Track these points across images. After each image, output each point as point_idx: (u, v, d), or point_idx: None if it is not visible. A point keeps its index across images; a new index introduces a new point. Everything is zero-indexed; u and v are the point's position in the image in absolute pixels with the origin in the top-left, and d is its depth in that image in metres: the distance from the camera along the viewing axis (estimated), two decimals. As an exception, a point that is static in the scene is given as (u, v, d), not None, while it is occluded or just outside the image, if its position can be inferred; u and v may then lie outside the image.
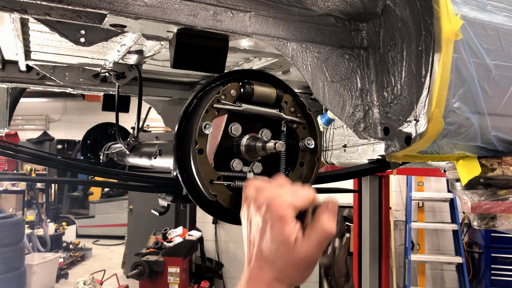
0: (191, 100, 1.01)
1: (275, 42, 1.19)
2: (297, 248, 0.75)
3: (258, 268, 0.77)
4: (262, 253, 0.77)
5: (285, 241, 0.75)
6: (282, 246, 0.75)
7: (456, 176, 1.38)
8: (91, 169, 1.23)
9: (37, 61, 1.92)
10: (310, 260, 0.77)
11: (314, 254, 0.76)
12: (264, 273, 0.76)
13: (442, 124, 1.10)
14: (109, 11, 1.02)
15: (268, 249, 0.76)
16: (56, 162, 1.23)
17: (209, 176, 0.95)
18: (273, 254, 0.76)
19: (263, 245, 0.77)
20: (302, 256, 0.75)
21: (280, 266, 0.76)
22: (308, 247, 0.76)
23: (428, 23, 1.08)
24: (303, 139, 1.06)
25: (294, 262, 0.76)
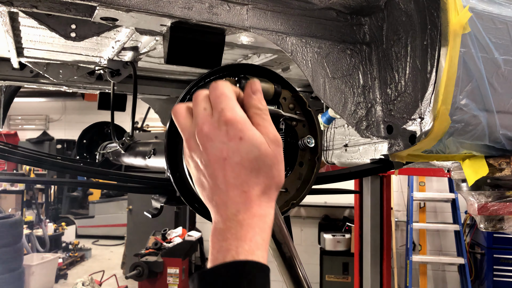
0: (184, 96, 0.96)
1: (273, 36, 1.14)
2: (266, 146, 0.73)
3: (243, 194, 0.71)
4: (240, 175, 0.71)
5: (260, 144, 0.72)
6: (257, 150, 0.72)
7: (462, 177, 1.33)
8: (82, 170, 1.18)
9: (30, 58, 1.87)
10: (277, 143, 0.75)
11: (274, 133, 0.75)
12: (251, 195, 0.72)
13: (448, 122, 1.05)
14: (98, 3, 0.97)
15: (248, 165, 0.71)
16: (49, 164, 1.18)
17: None
18: (255, 166, 0.72)
19: (240, 165, 0.71)
20: (272, 150, 0.74)
21: (263, 176, 0.73)
22: (269, 135, 0.74)
23: (434, 16, 1.03)
24: (303, 137, 1.00)
25: (270, 162, 0.73)
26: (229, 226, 0.70)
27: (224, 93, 0.75)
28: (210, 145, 0.72)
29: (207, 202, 0.75)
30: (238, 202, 0.71)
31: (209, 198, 0.74)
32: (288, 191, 0.99)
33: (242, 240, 0.68)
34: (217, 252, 0.68)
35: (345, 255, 6.36)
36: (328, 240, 6.46)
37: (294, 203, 0.97)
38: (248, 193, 0.71)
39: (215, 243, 0.70)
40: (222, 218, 0.71)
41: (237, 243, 0.68)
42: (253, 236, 0.69)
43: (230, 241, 0.68)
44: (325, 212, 7.19)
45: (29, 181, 2.85)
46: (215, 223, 0.72)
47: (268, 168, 0.73)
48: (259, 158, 0.72)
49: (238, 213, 0.70)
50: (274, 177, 0.75)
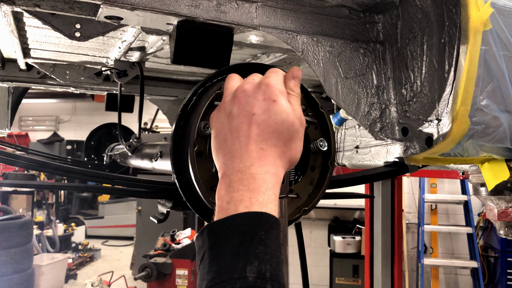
0: (190, 97, 0.92)
1: (283, 35, 1.09)
2: (294, 116, 0.79)
3: (260, 151, 0.74)
4: (263, 133, 0.76)
5: (289, 112, 0.78)
6: (285, 115, 0.77)
7: (480, 181, 1.27)
8: (85, 174, 1.15)
9: (36, 59, 1.85)
10: (302, 122, 0.81)
11: (301, 114, 0.82)
12: (267, 154, 0.75)
13: (468, 124, 1.00)
14: (102, 1, 0.93)
15: (272, 125, 0.76)
16: (52, 168, 1.16)
17: (210, 182, 0.86)
18: (278, 129, 0.77)
19: (265, 123, 0.76)
20: (297, 123, 0.79)
21: (283, 142, 0.77)
22: (296, 112, 0.80)
23: (453, 12, 0.98)
24: (315, 140, 0.96)
25: (294, 133, 0.78)
26: (240, 177, 0.71)
27: (273, 71, 0.85)
28: (245, 99, 0.78)
29: (221, 154, 0.77)
30: (254, 157, 0.73)
31: (224, 150, 0.76)
32: (300, 197, 0.95)
33: (255, 192, 0.69)
34: (227, 203, 0.68)
35: (355, 258, 6.29)
36: (338, 242, 6.40)
37: (305, 209, 0.93)
38: (265, 151, 0.75)
39: (223, 195, 0.70)
40: (234, 170, 0.72)
41: (250, 194, 0.68)
42: (266, 189, 0.70)
43: (242, 192, 0.69)
44: (335, 214, 7.12)
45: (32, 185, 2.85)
46: (224, 174, 0.74)
47: (288, 136, 0.78)
48: (284, 123, 0.77)
49: (251, 166, 0.72)
50: (291, 149, 0.79)
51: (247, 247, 0.62)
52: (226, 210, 0.67)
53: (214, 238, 0.65)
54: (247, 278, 0.59)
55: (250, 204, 0.67)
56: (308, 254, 6.71)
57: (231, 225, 0.65)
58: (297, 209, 0.93)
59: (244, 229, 0.64)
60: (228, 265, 0.61)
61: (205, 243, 0.65)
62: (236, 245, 0.62)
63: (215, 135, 0.80)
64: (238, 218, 0.65)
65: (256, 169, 0.72)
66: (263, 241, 0.63)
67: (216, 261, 0.62)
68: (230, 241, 0.63)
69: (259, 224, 0.65)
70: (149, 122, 8.24)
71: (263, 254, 0.62)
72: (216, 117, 0.82)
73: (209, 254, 0.64)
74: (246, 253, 0.61)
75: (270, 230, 0.65)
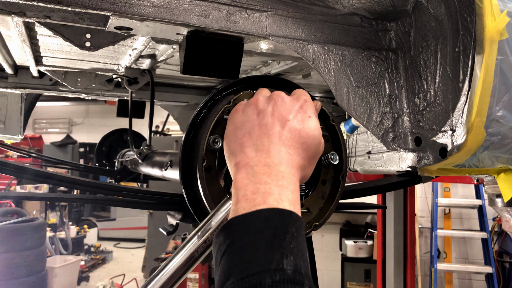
0: (199, 110, 0.91)
1: (294, 44, 1.08)
2: (321, 139, 0.83)
3: (288, 154, 0.75)
4: (293, 139, 0.76)
5: (320, 132, 0.81)
6: (317, 133, 0.80)
7: (496, 191, 1.24)
8: (90, 185, 1.15)
9: (48, 67, 1.86)
10: (322, 148, 0.84)
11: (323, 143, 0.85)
12: (293, 159, 0.75)
13: (483, 135, 0.98)
14: (112, 13, 0.93)
15: (304, 136, 0.77)
16: (56, 180, 1.16)
17: (219, 197, 0.84)
18: (308, 142, 0.78)
19: (298, 132, 0.77)
20: (321, 147, 0.83)
21: (307, 156, 0.78)
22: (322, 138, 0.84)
23: (468, 21, 0.95)
24: (326, 153, 0.94)
25: (317, 153, 0.81)
26: (268, 171, 0.69)
27: (307, 94, 0.88)
28: (282, 104, 0.80)
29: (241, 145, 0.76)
30: (283, 157, 0.73)
31: (248, 142, 0.76)
32: (310, 211, 0.93)
33: (284, 189, 0.68)
34: (253, 193, 0.66)
35: (367, 262, 6.23)
36: (349, 247, 6.35)
37: (316, 225, 0.91)
38: (293, 157, 0.75)
39: (247, 185, 0.68)
40: (259, 162, 0.71)
41: (279, 190, 0.67)
42: (293, 189, 0.70)
43: (270, 186, 0.67)
44: (346, 218, 7.07)
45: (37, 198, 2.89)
46: (246, 164, 0.72)
47: (313, 154, 0.79)
48: (314, 140, 0.79)
49: (280, 164, 0.72)
50: (310, 166, 0.80)
51: (281, 241, 0.59)
52: (252, 200, 0.65)
53: (243, 231, 0.62)
54: (285, 270, 0.56)
55: (280, 199, 0.65)
56: (320, 258, 6.68)
57: (263, 218, 0.62)
58: (307, 224, 0.92)
59: (277, 224, 0.61)
60: (263, 256, 0.58)
61: (229, 237, 0.62)
62: (270, 238, 0.60)
63: (237, 126, 0.79)
64: (269, 212, 0.63)
65: (285, 169, 0.71)
66: (295, 238, 0.61)
67: (247, 252, 0.59)
68: (263, 233, 0.60)
69: (291, 221, 0.63)
70: (160, 125, 8.27)
71: (297, 250, 0.60)
72: (243, 110, 0.82)
73: (237, 246, 0.60)
74: (281, 247, 0.59)
75: (300, 230, 0.64)
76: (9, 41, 1.57)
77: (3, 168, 1.24)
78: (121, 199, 1.15)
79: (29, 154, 3.02)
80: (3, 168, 1.22)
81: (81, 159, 12.53)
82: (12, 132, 2.44)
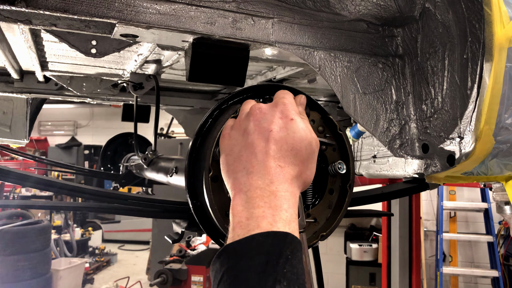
0: (206, 120, 0.91)
1: (300, 51, 1.07)
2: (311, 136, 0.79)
3: (278, 168, 0.73)
4: (280, 150, 0.74)
5: (306, 131, 0.78)
6: (303, 133, 0.77)
7: (505, 198, 1.23)
8: (91, 193, 1.14)
9: (54, 72, 1.87)
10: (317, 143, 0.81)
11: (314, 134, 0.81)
12: (285, 172, 0.73)
13: (492, 143, 0.97)
14: (118, 20, 0.93)
15: (291, 143, 0.75)
16: (57, 187, 1.16)
17: (225, 207, 0.84)
18: (296, 147, 0.75)
19: (284, 140, 0.75)
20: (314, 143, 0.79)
21: (300, 161, 0.76)
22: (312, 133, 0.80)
23: (476, 27, 0.94)
24: (333, 162, 0.93)
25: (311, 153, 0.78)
26: (260, 194, 0.69)
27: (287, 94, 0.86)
28: (261, 116, 0.78)
29: (234, 171, 0.75)
30: (273, 174, 0.72)
31: (238, 167, 0.74)
32: (317, 221, 0.92)
33: (277, 209, 0.67)
34: (247, 219, 0.66)
35: (372, 266, 6.20)
36: (354, 250, 6.32)
37: (323, 235, 0.90)
38: (284, 169, 0.73)
39: (241, 211, 0.68)
40: (251, 186, 0.70)
41: (272, 211, 0.66)
42: (288, 207, 0.68)
43: (263, 209, 0.67)
44: (351, 221, 7.04)
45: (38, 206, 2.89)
46: (239, 191, 0.71)
47: (306, 155, 0.77)
48: (302, 142, 0.76)
49: (271, 183, 0.70)
50: (307, 169, 0.77)
51: (274, 266, 0.59)
52: (246, 226, 0.65)
53: (236, 257, 0.61)
54: None
55: (273, 221, 0.65)
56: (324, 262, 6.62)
57: (256, 244, 0.62)
58: (314, 234, 0.91)
59: (270, 248, 0.61)
60: (255, 284, 0.57)
61: (224, 264, 0.62)
62: (262, 264, 0.59)
63: (227, 153, 0.78)
64: (262, 236, 0.63)
65: (277, 186, 0.70)
66: (290, 261, 0.61)
67: (240, 280, 0.59)
68: (255, 259, 0.60)
69: (285, 243, 0.62)
70: (165, 128, 8.28)
71: (290, 274, 0.59)
72: (229, 135, 0.80)
73: (231, 274, 0.60)
74: (274, 272, 0.58)
75: (295, 251, 0.63)
76: (15, 47, 1.58)
77: (5, 177, 1.24)
78: (124, 207, 1.14)
79: (34, 158, 3.03)
80: (6, 176, 1.22)
81: (86, 161, 12.58)
82: (18, 137, 2.45)
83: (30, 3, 0.87)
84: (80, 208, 1.48)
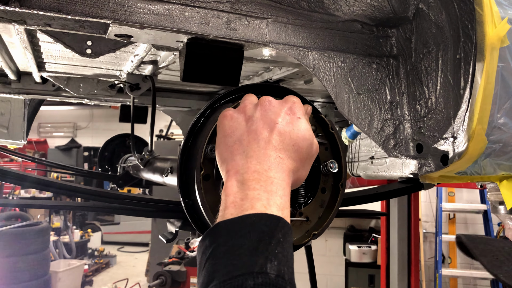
0: (198, 119, 0.91)
1: (294, 51, 1.08)
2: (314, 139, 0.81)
3: (278, 158, 0.74)
4: (283, 142, 0.76)
5: (311, 133, 0.80)
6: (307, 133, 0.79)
7: (499, 198, 1.23)
8: (89, 193, 1.15)
9: (50, 73, 1.87)
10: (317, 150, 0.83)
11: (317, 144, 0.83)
12: (284, 163, 0.75)
13: (485, 143, 0.97)
14: (112, 20, 0.93)
15: (294, 138, 0.77)
16: (56, 187, 1.17)
17: (217, 205, 0.84)
18: (298, 143, 0.77)
19: (288, 134, 0.77)
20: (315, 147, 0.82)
21: (299, 158, 0.77)
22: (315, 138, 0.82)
23: (468, 28, 0.95)
24: (325, 161, 0.93)
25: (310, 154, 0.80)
26: (257, 178, 0.70)
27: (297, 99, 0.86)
28: (270, 108, 0.79)
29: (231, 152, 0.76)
30: (272, 162, 0.73)
31: (238, 150, 0.75)
32: (310, 220, 0.93)
33: (273, 194, 0.68)
34: (241, 199, 0.67)
35: (371, 267, 6.20)
36: (353, 252, 6.32)
37: (315, 233, 0.90)
38: (283, 160, 0.75)
39: (236, 192, 0.69)
40: (249, 169, 0.71)
41: (268, 195, 0.68)
42: (282, 194, 0.70)
43: (259, 192, 0.68)
44: (350, 223, 7.04)
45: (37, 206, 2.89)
46: (236, 172, 0.72)
47: (305, 155, 0.79)
48: (305, 141, 0.78)
49: (269, 170, 0.72)
50: (303, 169, 0.79)
51: (266, 246, 0.60)
52: (240, 206, 0.66)
53: (228, 235, 0.62)
54: (268, 274, 0.57)
55: (268, 204, 0.66)
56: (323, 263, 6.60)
57: (249, 222, 0.63)
58: (306, 233, 0.91)
59: (263, 229, 0.62)
60: (247, 259, 0.58)
61: (215, 241, 0.62)
62: (255, 241, 0.60)
63: (226, 134, 0.79)
64: (256, 216, 0.64)
65: (274, 174, 0.71)
66: (281, 243, 0.62)
67: (232, 255, 0.59)
68: (248, 237, 0.61)
69: (277, 226, 0.63)
70: (164, 129, 8.29)
71: (281, 255, 0.60)
72: (231, 116, 0.81)
73: (223, 249, 0.61)
74: (265, 251, 0.59)
75: (287, 236, 0.64)
76: (12, 47, 1.58)
77: (4, 177, 1.24)
78: (120, 207, 1.15)
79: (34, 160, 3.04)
80: (4, 176, 1.22)
81: (86, 163, 12.58)
82: (15, 137, 2.45)
83: (24, 3, 0.88)
84: (78, 207, 1.48)
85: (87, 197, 1.15)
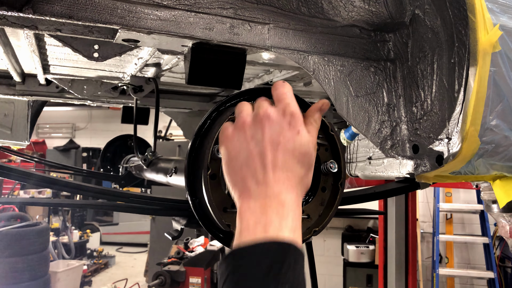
0: (204, 121, 0.95)
1: (295, 55, 1.12)
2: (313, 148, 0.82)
3: (286, 179, 0.76)
4: (288, 161, 0.78)
5: (310, 144, 0.81)
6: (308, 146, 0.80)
7: (492, 197, 1.27)
8: (94, 191, 1.18)
9: (55, 75, 1.91)
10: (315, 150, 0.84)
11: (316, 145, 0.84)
12: (292, 182, 0.77)
13: (478, 144, 1.01)
14: (120, 26, 0.97)
15: (297, 156, 0.79)
16: (61, 185, 1.20)
17: (223, 203, 0.88)
18: (301, 159, 0.79)
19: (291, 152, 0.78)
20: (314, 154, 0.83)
21: (304, 170, 0.79)
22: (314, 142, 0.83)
23: (462, 33, 0.99)
24: (325, 162, 0.98)
25: (311, 162, 0.82)
26: (269, 203, 0.72)
27: (288, 92, 0.84)
28: (270, 126, 0.79)
29: (242, 177, 0.78)
30: (282, 184, 0.75)
31: (247, 173, 0.77)
32: (310, 217, 0.97)
33: (284, 218, 0.71)
34: (255, 224, 0.70)
35: (369, 267, 6.23)
36: (351, 252, 6.35)
37: (316, 230, 0.95)
38: (291, 180, 0.77)
39: (249, 217, 0.72)
40: (260, 194, 0.74)
41: (279, 220, 0.70)
42: (294, 217, 0.72)
43: (271, 217, 0.70)
44: (348, 223, 7.08)
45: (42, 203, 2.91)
46: (248, 197, 0.75)
47: (307, 166, 0.81)
48: (306, 155, 0.80)
49: (280, 193, 0.74)
50: (308, 177, 0.81)
51: (278, 272, 0.63)
52: (253, 231, 0.69)
53: (242, 261, 0.65)
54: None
55: (279, 228, 0.69)
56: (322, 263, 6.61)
57: (261, 250, 0.66)
58: (307, 230, 0.95)
59: (274, 254, 0.65)
60: (259, 285, 0.62)
61: (230, 266, 0.66)
62: (266, 268, 0.63)
63: (232, 156, 0.80)
64: (267, 243, 0.67)
65: (285, 196, 0.74)
66: (293, 268, 0.65)
67: (245, 282, 0.63)
68: (260, 264, 0.64)
69: (289, 252, 0.66)
70: (163, 130, 8.31)
71: (292, 280, 0.63)
72: (232, 137, 0.81)
73: (237, 276, 0.64)
74: (277, 276, 0.62)
75: (299, 260, 0.67)
76: (19, 50, 1.62)
77: (9, 174, 1.27)
78: (126, 205, 1.18)
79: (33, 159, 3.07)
80: (9, 173, 1.25)
81: (84, 164, 12.58)
82: (19, 138, 2.48)
83: (36, 10, 0.91)
84: (83, 205, 1.51)
85: (94, 195, 1.19)
